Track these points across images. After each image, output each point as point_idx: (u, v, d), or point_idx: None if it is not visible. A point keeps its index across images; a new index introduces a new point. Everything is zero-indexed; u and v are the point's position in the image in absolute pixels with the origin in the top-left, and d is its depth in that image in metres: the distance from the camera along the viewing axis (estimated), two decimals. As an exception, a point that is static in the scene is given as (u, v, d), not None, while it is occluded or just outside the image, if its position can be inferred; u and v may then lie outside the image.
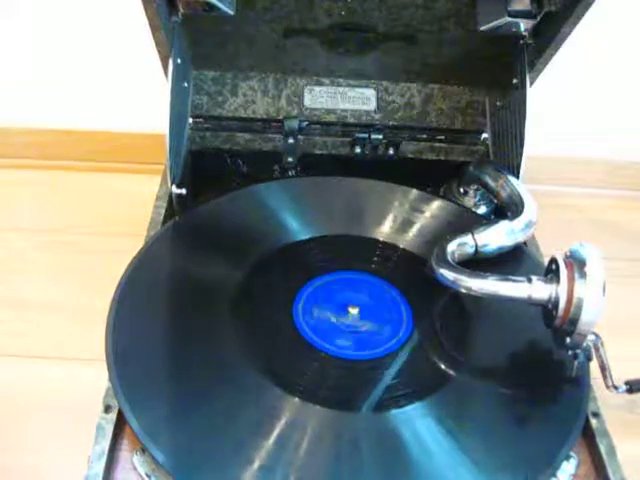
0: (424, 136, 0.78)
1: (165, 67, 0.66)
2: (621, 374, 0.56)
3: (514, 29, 0.64)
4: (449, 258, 0.56)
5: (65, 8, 0.85)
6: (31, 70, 0.91)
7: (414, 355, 0.55)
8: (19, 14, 0.86)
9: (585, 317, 0.48)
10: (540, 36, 0.65)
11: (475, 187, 0.71)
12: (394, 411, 0.49)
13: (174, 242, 0.63)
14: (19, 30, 0.87)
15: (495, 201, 0.67)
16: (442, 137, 0.78)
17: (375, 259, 0.63)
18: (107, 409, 0.49)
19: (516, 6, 0.62)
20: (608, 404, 0.58)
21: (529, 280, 0.51)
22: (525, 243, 0.64)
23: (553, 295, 0.50)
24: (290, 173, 0.77)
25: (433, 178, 0.75)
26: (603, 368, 0.54)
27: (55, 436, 0.63)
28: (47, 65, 0.90)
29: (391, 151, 0.77)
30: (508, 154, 0.70)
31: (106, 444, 0.47)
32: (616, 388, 0.54)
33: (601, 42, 0.85)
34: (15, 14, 0.86)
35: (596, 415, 0.52)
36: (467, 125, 0.78)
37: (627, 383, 0.56)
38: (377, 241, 0.65)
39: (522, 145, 0.66)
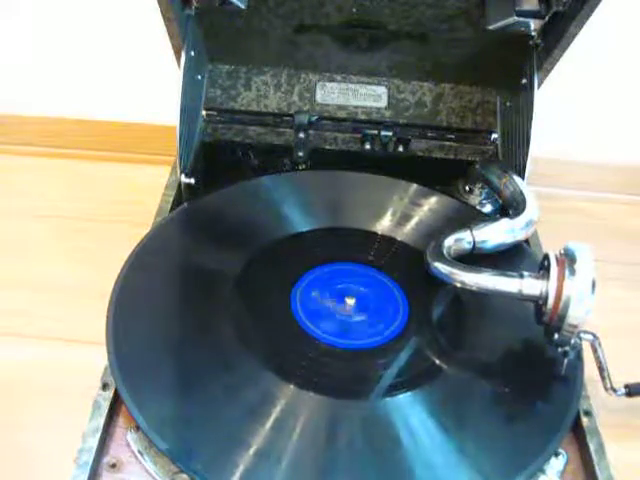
0: (434, 134, 0.79)
1: (178, 59, 0.67)
2: (626, 378, 0.56)
3: (523, 29, 0.65)
4: (445, 252, 0.56)
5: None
6: (48, 59, 0.92)
7: (409, 346, 0.55)
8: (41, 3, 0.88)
9: (572, 314, 0.48)
10: (548, 36, 0.65)
11: (480, 185, 0.71)
12: (387, 399, 0.50)
13: (179, 229, 0.64)
14: (39, 17, 0.89)
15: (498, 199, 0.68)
16: (452, 136, 0.79)
17: (373, 251, 0.64)
18: (105, 387, 0.50)
19: (524, 6, 0.63)
20: (608, 407, 0.58)
21: (521, 275, 0.52)
22: (528, 242, 0.65)
23: (544, 291, 0.50)
24: (300, 167, 0.78)
25: (442, 176, 0.76)
26: (601, 370, 0.54)
27: (53, 417, 0.64)
28: (64, 55, 0.92)
29: (400, 148, 0.78)
30: (516, 154, 0.70)
31: (101, 420, 0.48)
32: (615, 391, 0.54)
33: (615, 43, 0.85)
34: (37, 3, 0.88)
35: (587, 414, 0.51)
36: (477, 125, 0.79)
37: (626, 386, 0.56)
38: (376, 234, 0.66)
39: (528, 145, 0.66)
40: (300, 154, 0.78)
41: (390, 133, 0.77)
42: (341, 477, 0.45)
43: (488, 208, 0.72)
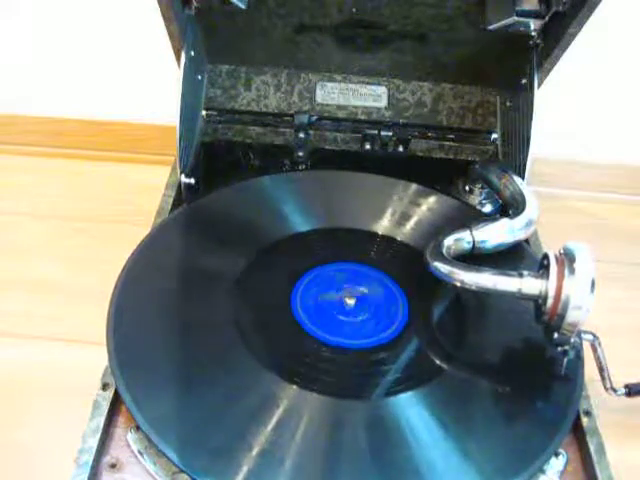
0: (434, 134, 0.79)
1: (178, 59, 0.67)
2: (626, 378, 0.56)
3: (523, 29, 0.65)
4: (444, 252, 0.56)
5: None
6: (48, 59, 0.92)
7: (409, 346, 0.55)
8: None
9: (572, 313, 0.48)
10: (548, 36, 0.65)
11: (480, 185, 0.72)
12: (388, 399, 0.50)
13: (179, 229, 0.64)
14: (39, 17, 0.89)
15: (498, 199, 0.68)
16: (452, 136, 0.79)
17: (374, 251, 0.64)
18: (105, 387, 0.50)
19: (524, 6, 0.63)
20: (609, 407, 0.58)
21: (520, 275, 0.52)
22: (528, 242, 0.65)
23: (543, 290, 0.50)
24: (300, 167, 0.78)
25: (442, 176, 0.76)
26: (601, 370, 0.53)
27: (52, 416, 0.64)
28: (64, 54, 0.92)
29: (400, 148, 0.78)
30: (516, 154, 0.70)
31: (101, 420, 0.48)
32: (615, 391, 0.54)
33: (615, 42, 0.85)
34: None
35: (588, 414, 0.52)
36: (477, 125, 0.79)
37: (626, 386, 0.56)
38: (376, 234, 0.66)
39: (528, 145, 0.66)
40: (300, 154, 0.78)
41: (390, 133, 0.77)
42: (342, 477, 0.45)
43: (488, 208, 0.72)
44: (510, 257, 0.61)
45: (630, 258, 0.87)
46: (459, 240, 0.59)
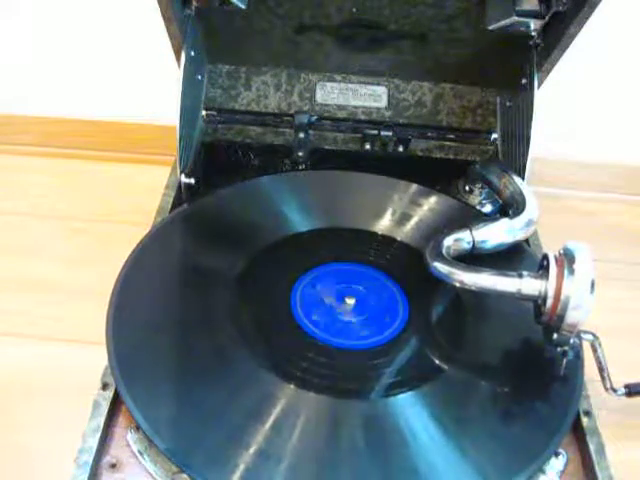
0: (434, 134, 0.79)
1: (178, 59, 0.67)
2: (626, 378, 0.56)
3: (523, 29, 0.65)
4: (444, 252, 0.56)
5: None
6: (48, 59, 0.93)
7: (409, 346, 0.55)
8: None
9: (571, 313, 0.48)
10: (548, 36, 0.65)
11: (480, 185, 0.72)
12: (387, 399, 0.50)
13: (179, 229, 0.64)
14: (39, 17, 0.90)
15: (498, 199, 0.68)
16: (452, 136, 0.79)
17: (373, 251, 0.64)
18: (104, 386, 0.50)
19: (524, 6, 0.63)
20: (608, 407, 0.58)
21: (520, 275, 0.51)
22: (528, 242, 0.65)
23: (543, 291, 0.50)
24: (300, 167, 0.78)
25: (442, 176, 0.76)
26: (601, 369, 0.53)
27: (51, 418, 0.64)
28: (64, 55, 0.92)
29: (400, 148, 0.78)
30: (516, 154, 0.70)
31: (101, 420, 0.48)
32: (615, 391, 0.54)
33: (615, 43, 0.85)
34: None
35: (587, 414, 0.51)
36: (477, 125, 0.79)
37: (626, 386, 0.56)
38: (376, 234, 0.66)
39: (528, 145, 0.66)
40: (300, 154, 0.78)
41: (390, 133, 0.77)
42: (341, 477, 0.45)
43: (488, 208, 0.72)
44: (510, 257, 0.61)
45: (630, 258, 0.87)
46: (459, 240, 0.59)
